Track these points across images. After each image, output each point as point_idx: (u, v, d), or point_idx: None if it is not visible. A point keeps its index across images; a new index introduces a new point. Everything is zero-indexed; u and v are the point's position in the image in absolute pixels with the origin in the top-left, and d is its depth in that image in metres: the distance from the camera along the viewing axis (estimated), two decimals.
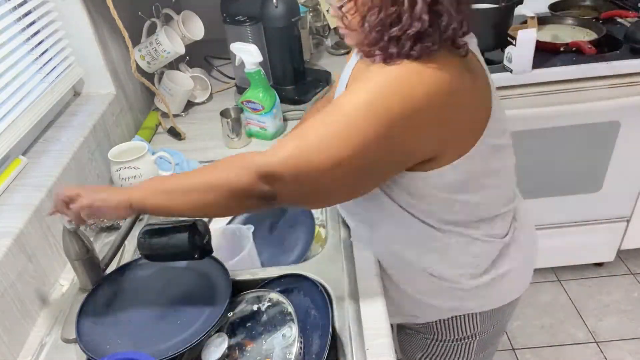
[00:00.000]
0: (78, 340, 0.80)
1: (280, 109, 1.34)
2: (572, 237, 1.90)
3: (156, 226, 0.86)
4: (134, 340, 0.80)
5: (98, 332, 0.82)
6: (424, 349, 1.15)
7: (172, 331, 0.80)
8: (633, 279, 2.04)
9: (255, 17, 1.40)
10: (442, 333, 1.12)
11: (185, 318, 0.82)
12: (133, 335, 0.81)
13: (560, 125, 1.58)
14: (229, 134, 1.31)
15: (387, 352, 0.79)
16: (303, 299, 0.88)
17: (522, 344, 1.84)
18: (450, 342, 1.11)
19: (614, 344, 1.81)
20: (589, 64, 1.50)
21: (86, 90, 1.33)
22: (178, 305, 0.86)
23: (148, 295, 0.89)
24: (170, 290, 0.89)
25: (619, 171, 1.71)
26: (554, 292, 2.01)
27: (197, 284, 0.89)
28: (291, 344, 0.76)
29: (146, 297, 0.89)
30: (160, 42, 1.37)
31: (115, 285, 0.91)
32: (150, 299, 0.88)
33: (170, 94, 1.44)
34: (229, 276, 0.87)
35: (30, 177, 1.01)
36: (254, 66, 1.25)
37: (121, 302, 0.88)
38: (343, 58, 1.78)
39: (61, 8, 1.20)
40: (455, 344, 1.10)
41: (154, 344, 0.79)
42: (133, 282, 0.92)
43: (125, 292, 0.90)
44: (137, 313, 0.86)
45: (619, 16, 1.75)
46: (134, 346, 0.79)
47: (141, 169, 1.13)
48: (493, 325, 1.07)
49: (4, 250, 0.84)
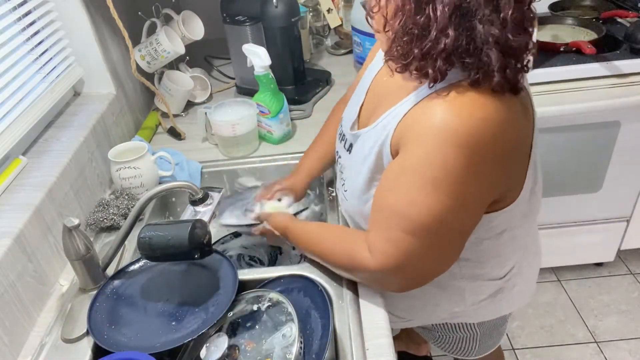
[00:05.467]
0: (91, 334, 0.82)
1: (288, 114, 1.33)
2: (572, 237, 1.90)
3: (156, 226, 0.86)
4: (145, 333, 0.83)
5: (108, 326, 0.84)
6: (433, 339, 1.21)
7: (183, 320, 0.83)
8: (633, 279, 2.04)
9: (255, 17, 1.40)
10: (443, 331, 1.14)
11: (195, 309, 0.84)
12: (143, 328, 0.83)
13: (560, 125, 1.58)
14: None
15: (387, 352, 0.79)
16: (303, 299, 0.88)
17: (522, 344, 1.84)
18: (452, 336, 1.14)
19: (614, 344, 1.81)
20: (589, 64, 1.50)
21: (86, 90, 1.33)
22: (187, 297, 0.88)
23: (158, 289, 0.91)
24: (180, 284, 0.92)
25: (619, 171, 1.71)
26: (554, 292, 2.01)
27: (205, 277, 0.91)
28: (291, 343, 0.76)
29: (156, 291, 0.90)
30: (160, 42, 1.37)
31: (126, 279, 0.93)
32: (160, 292, 0.90)
33: (170, 94, 1.44)
34: (234, 268, 0.89)
35: (30, 177, 1.01)
36: (262, 69, 1.24)
37: (131, 297, 0.90)
38: (343, 58, 1.78)
39: (61, 8, 1.20)
40: (459, 335, 1.12)
41: (164, 334, 0.81)
42: (142, 277, 0.93)
43: (135, 286, 0.91)
44: (147, 306, 0.88)
45: (619, 16, 1.75)
46: (144, 339, 0.82)
47: (141, 169, 1.13)
48: (493, 322, 1.08)
49: (4, 250, 0.84)
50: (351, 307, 0.87)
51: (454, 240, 0.76)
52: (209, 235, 0.87)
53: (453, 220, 0.72)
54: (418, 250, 0.73)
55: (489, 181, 0.71)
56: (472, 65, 0.65)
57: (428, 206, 0.69)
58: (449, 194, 0.68)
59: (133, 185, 1.14)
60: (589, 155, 1.68)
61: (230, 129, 1.23)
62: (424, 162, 0.68)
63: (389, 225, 0.74)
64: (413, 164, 0.70)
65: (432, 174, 0.68)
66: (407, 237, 0.72)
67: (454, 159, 0.66)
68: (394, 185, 0.73)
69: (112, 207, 1.09)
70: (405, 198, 0.71)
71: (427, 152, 0.68)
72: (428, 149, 0.68)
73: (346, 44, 1.80)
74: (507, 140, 0.69)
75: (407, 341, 1.71)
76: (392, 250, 0.74)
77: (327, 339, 0.77)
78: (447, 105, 0.67)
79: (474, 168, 0.68)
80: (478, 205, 0.74)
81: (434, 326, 1.14)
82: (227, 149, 1.29)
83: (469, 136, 0.65)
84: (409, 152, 0.71)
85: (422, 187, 0.69)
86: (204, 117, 1.31)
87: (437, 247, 0.75)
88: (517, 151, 0.74)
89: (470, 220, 0.75)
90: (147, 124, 1.44)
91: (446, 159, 0.66)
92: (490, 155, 0.68)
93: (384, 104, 0.80)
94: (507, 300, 0.99)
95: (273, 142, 1.33)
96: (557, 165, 1.69)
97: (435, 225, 0.70)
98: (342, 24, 1.83)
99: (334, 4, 1.78)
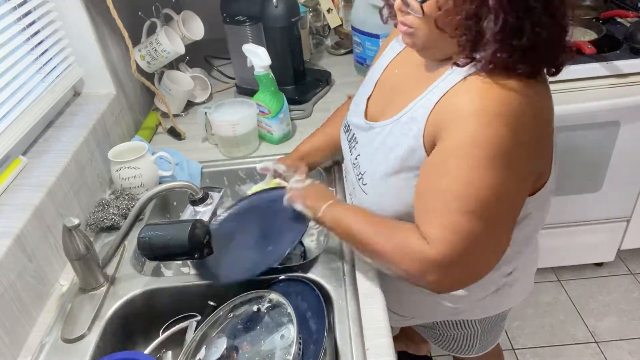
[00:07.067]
0: None
1: (288, 115, 1.33)
2: (572, 237, 1.90)
3: (156, 226, 0.86)
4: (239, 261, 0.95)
5: None
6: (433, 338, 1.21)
7: None
8: (633, 279, 2.04)
9: (255, 17, 1.40)
10: (444, 328, 1.14)
11: None
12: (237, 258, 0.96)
13: (560, 125, 1.57)
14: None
15: (387, 352, 0.79)
16: (301, 301, 0.88)
17: (522, 344, 1.84)
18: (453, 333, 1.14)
19: (614, 344, 1.81)
20: (589, 64, 1.50)
21: (86, 90, 1.33)
22: None
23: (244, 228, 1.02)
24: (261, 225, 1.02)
25: (619, 171, 1.71)
26: (554, 292, 2.01)
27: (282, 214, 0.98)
28: (290, 344, 0.76)
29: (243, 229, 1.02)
30: (160, 42, 1.37)
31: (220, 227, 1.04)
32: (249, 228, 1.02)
33: (170, 94, 1.44)
34: None
35: (30, 177, 1.01)
36: (262, 70, 1.24)
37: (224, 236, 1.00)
38: (343, 58, 1.78)
39: (61, 8, 1.20)
40: (460, 332, 1.13)
41: None
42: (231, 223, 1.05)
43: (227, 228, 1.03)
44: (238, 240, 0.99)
45: (619, 16, 1.75)
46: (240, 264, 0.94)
47: (141, 169, 1.13)
48: (493, 318, 1.09)
49: (4, 250, 0.84)
50: (351, 307, 0.87)
51: (510, 220, 0.75)
52: (209, 235, 0.87)
53: (511, 196, 0.73)
54: (478, 233, 0.71)
55: (534, 156, 0.74)
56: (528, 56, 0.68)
57: (486, 183, 0.69)
58: (505, 169, 0.69)
59: (133, 185, 1.14)
60: (589, 155, 1.68)
61: (230, 129, 1.23)
62: (472, 143, 0.69)
63: (445, 210, 0.72)
64: (460, 147, 0.70)
65: (483, 152, 0.68)
66: (466, 219, 0.70)
67: (502, 135, 0.68)
68: (442, 171, 0.72)
69: (112, 207, 1.09)
70: (460, 179, 0.70)
71: (475, 132, 0.69)
72: (475, 129, 0.68)
73: (346, 44, 1.80)
74: (542, 119, 0.74)
75: (407, 341, 1.71)
76: (451, 236, 0.71)
77: (322, 344, 0.77)
78: (484, 88, 0.69)
79: (522, 142, 0.70)
80: (528, 181, 0.76)
81: (435, 324, 1.14)
82: (227, 149, 1.29)
83: (511, 113, 0.68)
84: (452, 137, 0.71)
85: (475, 166, 0.69)
86: (204, 117, 1.31)
87: (495, 228, 0.73)
88: (548, 131, 0.78)
89: (521, 196, 0.76)
90: (147, 124, 1.44)
91: (495, 136, 0.68)
92: (532, 131, 0.71)
93: (402, 96, 0.80)
94: (508, 295, 0.99)
95: (273, 142, 1.33)
96: (557, 165, 1.69)
97: (493, 201, 0.70)
98: (342, 24, 1.83)
99: (334, 4, 1.78)
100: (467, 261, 0.73)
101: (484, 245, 0.73)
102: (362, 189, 0.89)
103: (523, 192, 0.76)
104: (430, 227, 0.73)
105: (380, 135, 0.84)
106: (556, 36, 0.69)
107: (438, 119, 0.73)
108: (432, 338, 1.22)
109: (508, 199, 0.72)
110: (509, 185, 0.71)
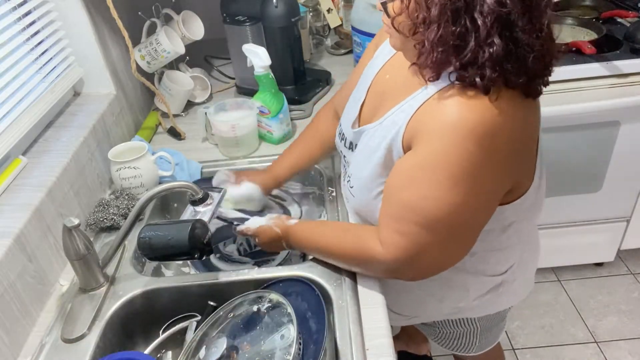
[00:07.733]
0: None
1: (288, 114, 1.33)
2: (572, 237, 1.90)
3: (156, 226, 0.86)
4: None
5: None
6: (433, 335, 1.22)
7: None
8: (633, 279, 2.04)
9: (255, 17, 1.40)
10: (444, 326, 1.14)
11: None
12: None
13: (560, 125, 1.58)
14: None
15: (387, 352, 0.79)
16: (301, 301, 0.88)
17: (522, 344, 1.84)
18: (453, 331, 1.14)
19: (614, 344, 1.81)
20: (589, 64, 1.50)
21: (86, 90, 1.33)
22: None
23: None
24: None
25: (619, 171, 1.71)
26: (554, 292, 2.01)
27: None
28: (290, 344, 0.76)
29: None
30: (160, 42, 1.37)
31: None
32: None
33: (170, 94, 1.44)
34: None
35: (30, 177, 1.01)
36: (262, 70, 1.24)
37: None
38: (343, 58, 1.78)
39: (61, 8, 1.20)
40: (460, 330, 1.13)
41: None
42: None
43: None
44: None
45: (619, 16, 1.75)
46: None
47: (141, 169, 1.13)
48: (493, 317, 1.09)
49: (4, 250, 0.84)
50: (351, 307, 0.87)
51: (468, 235, 0.76)
52: (209, 235, 0.87)
53: (469, 215, 0.72)
54: (431, 244, 0.74)
55: (504, 175, 0.72)
56: (518, 72, 0.66)
57: (446, 201, 0.69)
58: (467, 189, 0.69)
59: (133, 185, 1.14)
60: (589, 155, 1.68)
61: (230, 129, 1.23)
62: (442, 158, 0.68)
63: (403, 218, 0.74)
64: (430, 160, 0.69)
65: (451, 170, 0.68)
66: (422, 231, 0.72)
67: (471, 155, 0.66)
68: (408, 181, 0.73)
69: (112, 207, 1.09)
70: (421, 193, 0.71)
71: (444, 148, 0.68)
72: (445, 144, 0.67)
73: (346, 44, 1.80)
74: (521, 135, 0.71)
75: (407, 341, 1.71)
76: (404, 242, 0.74)
77: (322, 344, 0.77)
78: (464, 101, 0.67)
79: (491, 163, 0.68)
80: (493, 199, 0.75)
81: (435, 322, 1.15)
82: (227, 149, 1.29)
83: (486, 132, 0.66)
84: (424, 148, 0.70)
85: (440, 182, 0.69)
86: (204, 117, 1.31)
87: (451, 241, 0.75)
88: (529, 144, 0.76)
89: (485, 214, 0.76)
90: (147, 124, 1.44)
91: (464, 155, 0.67)
92: (506, 151, 0.69)
93: (390, 100, 0.80)
94: (507, 294, 0.99)
95: (273, 142, 1.33)
96: (557, 165, 1.69)
97: (451, 219, 0.71)
98: (342, 24, 1.83)
99: (334, 4, 1.78)
100: (419, 264, 0.78)
101: (438, 254, 0.77)
102: (350, 191, 0.91)
103: (489, 205, 0.75)
104: (387, 230, 0.77)
105: (365, 138, 0.85)
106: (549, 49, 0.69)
107: (416, 126, 0.73)
108: (432, 335, 1.22)
109: (469, 217, 0.73)
110: (471, 202, 0.70)
